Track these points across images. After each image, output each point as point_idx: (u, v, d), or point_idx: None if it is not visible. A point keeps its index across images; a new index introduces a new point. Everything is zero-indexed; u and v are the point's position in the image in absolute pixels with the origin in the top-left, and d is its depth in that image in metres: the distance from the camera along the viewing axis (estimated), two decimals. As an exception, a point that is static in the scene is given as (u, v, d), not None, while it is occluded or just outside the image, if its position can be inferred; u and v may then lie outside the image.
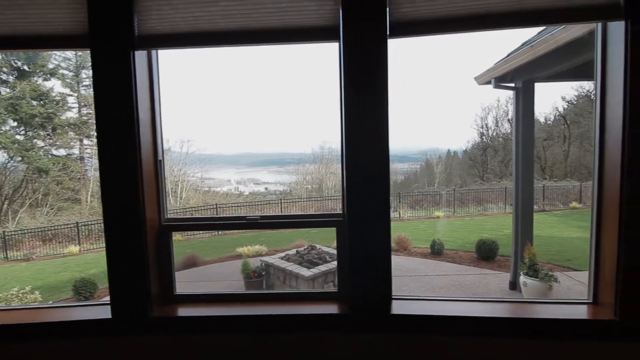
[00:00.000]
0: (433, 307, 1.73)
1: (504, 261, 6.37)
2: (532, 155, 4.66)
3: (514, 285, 5.04)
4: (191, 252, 7.85)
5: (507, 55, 4.39)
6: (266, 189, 20.20)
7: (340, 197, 1.66)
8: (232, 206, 14.43)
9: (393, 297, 1.77)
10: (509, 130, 18.13)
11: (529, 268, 4.57)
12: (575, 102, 17.58)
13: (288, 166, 19.81)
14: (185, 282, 6.12)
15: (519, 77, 4.44)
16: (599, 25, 1.52)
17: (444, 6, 1.42)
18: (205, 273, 6.80)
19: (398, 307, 1.70)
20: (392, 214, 14.15)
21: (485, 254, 6.55)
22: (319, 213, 2.16)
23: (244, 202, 16.08)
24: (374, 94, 1.47)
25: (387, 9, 1.42)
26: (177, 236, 9.39)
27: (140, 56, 1.55)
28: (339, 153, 1.58)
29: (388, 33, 1.44)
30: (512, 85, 4.51)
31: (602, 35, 1.52)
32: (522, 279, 4.66)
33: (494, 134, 19.43)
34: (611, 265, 1.55)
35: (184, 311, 1.65)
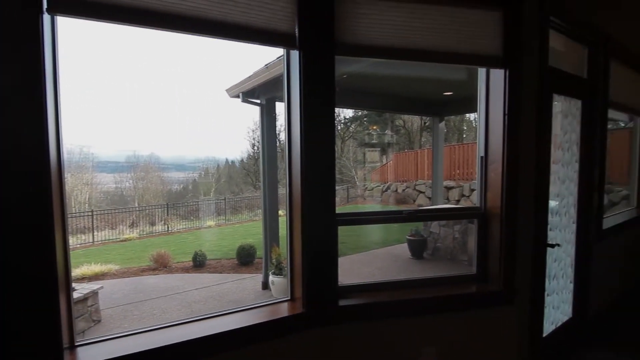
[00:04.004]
0: (138, 341, 1.46)
1: (261, 264, 6.88)
2: (276, 167, 5.22)
3: (265, 285, 5.46)
4: None
5: (253, 73, 4.74)
6: None
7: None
8: None
9: (76, 343, 1.38)
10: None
11: (275, 267, 5.05)
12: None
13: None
14: None
15: (264, 95, 4.88)
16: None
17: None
18: None
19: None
20: (160, 227, 12.79)
21: (245, 259, 6.88)
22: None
23: None
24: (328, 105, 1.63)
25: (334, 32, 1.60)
26: None
27: None
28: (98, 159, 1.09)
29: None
30: (258, 101, 4.92)
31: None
32: (271, 277, 5.11)
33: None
34: (299, 265, 1.75)
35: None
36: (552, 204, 2.47)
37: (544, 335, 2.41)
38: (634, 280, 3.78)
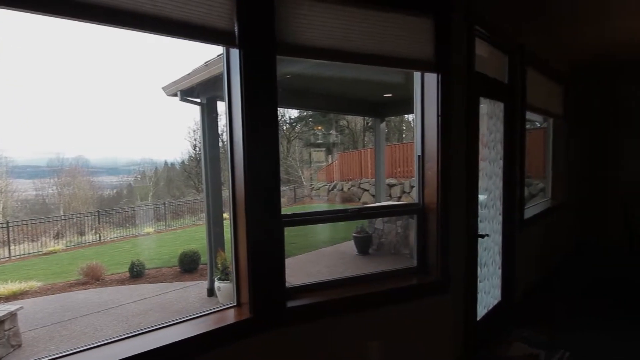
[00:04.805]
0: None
1: (206, 270, 6.60)
2: (219, 168, 5.05)
3: (211, 291, 5.26)
4: None
5: (192, 70, 4.53)
6: None
7: None
8: None
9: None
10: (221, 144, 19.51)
11: (221, 272, 4.88)
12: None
13: None
14: None
15: (204, 94, 4.68)
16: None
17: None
18: None
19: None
20: (91, 237, 11.74)
21: (188, 265, 6.56)
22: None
23: None
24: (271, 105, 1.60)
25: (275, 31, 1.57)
26: None
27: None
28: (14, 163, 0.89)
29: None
30: (198, 100, 4.71)
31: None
32: (217, 283, 4.93)
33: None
34: (244, 269, 1.70)
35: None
36: (481, 197, 2.69)
37: (478, 318, 2.62)
38: (550, 264, 4.26)
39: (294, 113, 17.11)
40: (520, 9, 3.01)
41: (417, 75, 2.19)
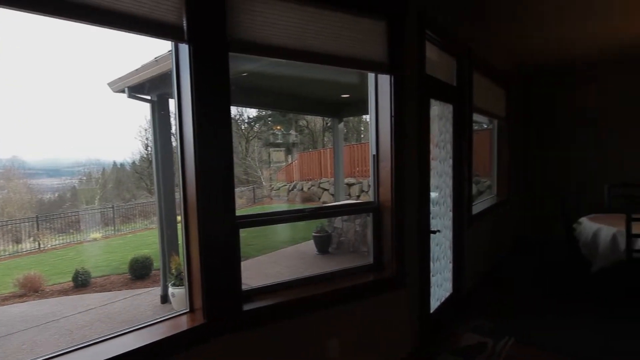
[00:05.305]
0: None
1: (159, 276, 6.29)
2: (172, 169, 4.84)
3: (165, 298, 5.02)
4: None
5: (141, 66, 4.29)
6: None
7: None
8: None
9: None
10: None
11: (176, 278, 4.67)
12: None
13: None
14: None
15: (155, 91, 4.46)
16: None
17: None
18: None
19: None
20: (29, 245, 10.78)
21: (140, 272, 6.22)
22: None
23: None
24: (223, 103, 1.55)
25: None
26: None
27: None
28: None
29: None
30: (148, 97, 4.48)
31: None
32: (171, 290, 4.71)
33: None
34: (197, 273, 1.64)
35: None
36: (433, 195, 2.81)
37: (432, 311, 2.74)
38: (497, 256, 4.55)
39: (252, 112, 16.82)
40: (468, 16, 3.18)
41: (371, 76, 2.24)
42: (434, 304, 2.85)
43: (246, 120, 16.84)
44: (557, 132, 5.52)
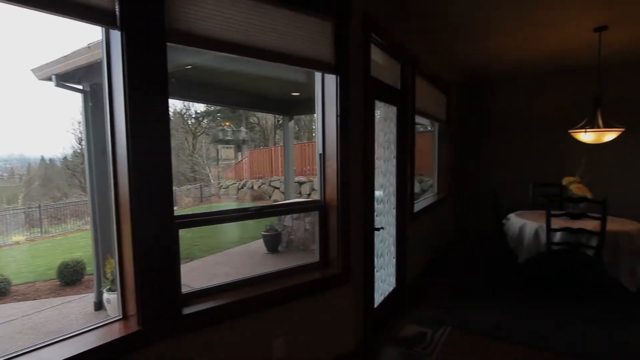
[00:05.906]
0: None
1: (93, 281, 5.81)
2: (107, 165, 4.48)
3: (99, 305, 4.66)
4: None
5: (72, 52, 3.92)
6: None
7: None
8: None
9: None
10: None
11: (111, 283, 4.35)
12: (172, 118, 19.72)
13: None
14: None
15: (87, 80, 4.10)
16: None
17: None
18: None
19: None
20: None
21: (70, 277, 5.70)
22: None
23: None
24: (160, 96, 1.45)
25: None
26: None
27: None
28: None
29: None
30: (80, 87, 4.10)
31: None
32: (106, 295, 4.37)
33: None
34: (131, 277, 1.53)
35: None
36: (378, 193, 2.90)
37: (376, 305, 2.83)
38: (436, 251, 4.83)
39: (200, 107, 16.16)
40: (410, 23, 3.32)
41: (318, 75, 2.25)
42: (378, 299, 2.95)
43: (193, 116, 16.14)
44: (491, 135, 5.99)
